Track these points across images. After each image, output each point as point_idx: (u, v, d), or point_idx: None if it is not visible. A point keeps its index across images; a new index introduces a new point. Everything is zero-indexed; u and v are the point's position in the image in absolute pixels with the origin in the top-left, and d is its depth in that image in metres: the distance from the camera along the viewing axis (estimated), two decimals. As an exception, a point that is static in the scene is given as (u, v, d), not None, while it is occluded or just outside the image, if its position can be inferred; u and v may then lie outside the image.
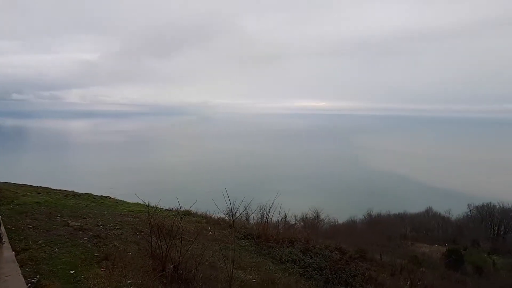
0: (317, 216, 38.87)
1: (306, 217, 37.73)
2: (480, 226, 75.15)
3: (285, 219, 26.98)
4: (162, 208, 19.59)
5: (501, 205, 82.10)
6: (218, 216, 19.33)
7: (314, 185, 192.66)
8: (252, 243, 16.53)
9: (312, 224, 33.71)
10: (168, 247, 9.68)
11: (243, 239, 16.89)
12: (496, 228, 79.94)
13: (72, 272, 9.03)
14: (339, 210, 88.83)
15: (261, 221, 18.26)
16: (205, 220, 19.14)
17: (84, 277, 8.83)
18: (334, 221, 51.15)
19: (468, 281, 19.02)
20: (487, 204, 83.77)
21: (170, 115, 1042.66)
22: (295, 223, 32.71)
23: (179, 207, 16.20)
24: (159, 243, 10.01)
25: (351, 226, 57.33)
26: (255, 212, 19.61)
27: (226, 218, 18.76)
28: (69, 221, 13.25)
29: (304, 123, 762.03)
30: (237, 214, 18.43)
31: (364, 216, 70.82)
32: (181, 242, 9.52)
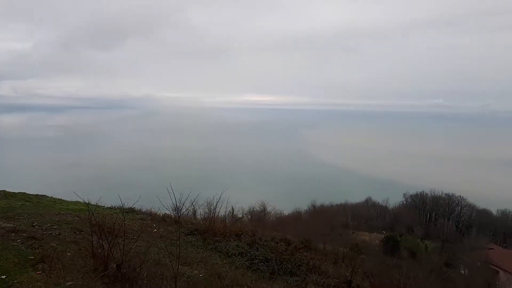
0: (264, 208, 39.51)
1: (253, 210, 38.20)
2: (414, 213, 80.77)
3: (233, 213, 27.12)
4: (104, 206, 18.83)
5: (433, 193, 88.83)
6: (164, 213, 18.95)
7: (262, 179, 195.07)
8: (198, 238, 16.43)
9: (259, 216, 34.22)
10: (110, 246, 9.35)
11: (189, 234, 16.73)
12: (428, 214, 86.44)
13: (3, 277, 8.44)
14: (285, 202, 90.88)
15: (208, 216, 18.19)
16: (150, 217, 18.69)
17: (18, 282, 8.29)
18: (280, 213, 52.23)
19: (403, 265, 20.40)
20: (420, 192, 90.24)
21: (112, 108, 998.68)
22: (243, 217, 32.99)
23: (121, 205, 15.66)
24: (100, 242, 9.63)
25: (296, 217, 58.85)
26: (202, 207, 19.50)
27: (172, 214, 18.46)
28: (0, 223, 12.32)
29: (252, 118, 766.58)
30: (183, 210, 18.21)
31: (308, 207, 73.03)
32: (124, 241, 9.24)
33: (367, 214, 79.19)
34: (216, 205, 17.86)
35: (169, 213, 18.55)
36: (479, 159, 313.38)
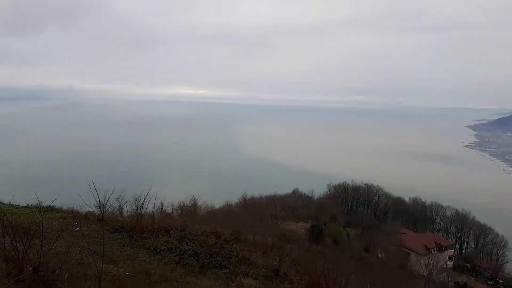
0: (195, 203, 39.12)
1: (183, 205, 37.65)
2: (337, 203, 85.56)
3: (162, 209, 26.51)
4: (18, 205, 17.33)
5: (354, 184, 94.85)
6: (87, 211, 17.95)
7: (192, 173, 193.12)
8: (125, 236, 15.89)
9: (189, 211, 33.79)
10: (26, 247, 8.67)
11: (115, 232, 16.10)
12: (350, 204, 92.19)
13: None
14: (216, 196, 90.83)
15: (135, 213, 17.61)
16: (72, 215, 17.60)
17: None
18: (211, 206, 52.17)
19: (327, 252, 21.58)
20: (343, 183, 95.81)
21: (29, 100, 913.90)
22: (172, 212, 32.38)
23: (38, 203, 14.60)
24: (14, 244, 8.88)
25: (227, 210, 59.19)
26: (129, 203, 18.82)
27: (96, 211, 17.55)
28: None
29: (183, 111, 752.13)
30: (108, 207, 17.42)
31: (239, 200, 73.79)
32: (42, 241, 8.62)
33: (294, 204, 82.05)
34: (144, 201, 17.36)
35: (93, 210, 17.64)
36: (393, 151, 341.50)
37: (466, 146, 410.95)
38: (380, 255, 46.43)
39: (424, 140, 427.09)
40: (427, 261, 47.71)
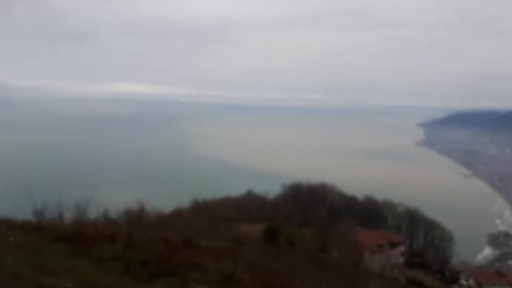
0: (142, 208, 37.42)
1: (130, 211, 35.94)
2: (292, 203, 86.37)
3: (106, 215, 25.13)
4: None
5: (308, 183, 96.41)
6: (23, 219, 16.59)
7: (139, 176, 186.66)
8: (66, 245, 14.78)
9: (136, 217, 32.28)
10: None
11: (55, 241, 14.92)
12: (304, 203, 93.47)
13: None
14: (166, 200, 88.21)
15: (77, 220, 16.44)
16: (5, 224, 16.17)
17: None
18: (161, 211, 50.54)
19: (281, 253, 21.45)
20: (297, 183, 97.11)
21: None
22: (118, 218, 30.87)
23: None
24: None
25: (177, 214, 57.44)
26: (70, 210, 17.57)
27: (33, 219, 16.24)
28: None
29: (127, 109, 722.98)
30: (47, 214, 16.21)
31: (190, 203, 72.02)
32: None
33: (249, 206, 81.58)
34: (87, 207, 16.26)
35: (29, 218, 16.33)
36: (346, 149, 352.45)
37: (416, 143, 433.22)
38: (335, 254, 47.25)
39: (375, 138, 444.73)
40: (380, 258, 49.36)
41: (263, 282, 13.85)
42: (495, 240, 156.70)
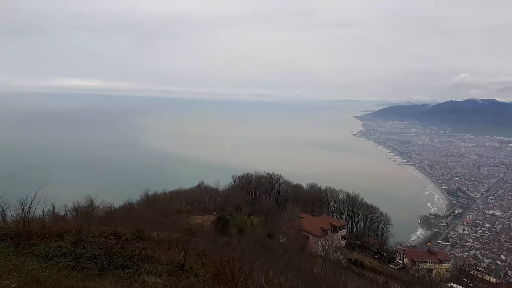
0: (91, 203, 36.53)
1: (79, 206, 34.94)
2: (241, 193, 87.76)
3: (53, 212, 24.25)
4: None
5: (257, 174, 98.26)
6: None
7: (88, 171, 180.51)
8: (9, 244, 14.22)
9: (85, 213, 31.50)
10: None
11: (-4, 241, 14.31)
12: (253, 193, 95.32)
13: None
14: (116, 194, 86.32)
15: (22, 218, 15.83)
16: None
17: None
18: (111, 206, 49.45)
19: (231, 241, 22.10)
20: (247, 173, 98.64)
21: None
22: (66, 214, 29.87)
23: None
24: None
25: (128, 209, 56.76)
26: (14, 207, 16.85)
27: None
28: None
29: (75, 105, 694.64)
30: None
31: (141, 197, 71.24)
32: None
33: (200, 198, 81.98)
34: (31, 204, 15.68)
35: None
36: (292, 141, 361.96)
37: (354, 134, 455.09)
38: (282, 240, 49.00)
39: (319, 130, 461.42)
40: (323, 242, 51.87)
41: (214, 270, 14.35)
42: (426, 221, 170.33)
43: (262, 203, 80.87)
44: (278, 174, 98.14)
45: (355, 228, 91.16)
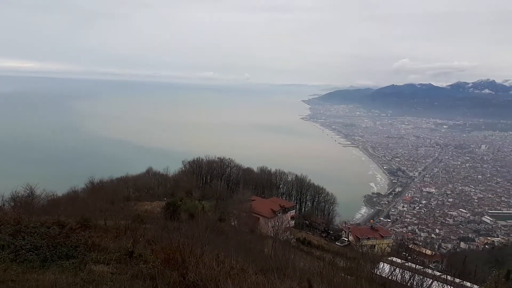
0: (32, 192, 34.51)
1: (17, 196, 32.84)
2: (192, 178, 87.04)
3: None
4: None
5: (208, 158, 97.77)
6: None
7: (27, 158, 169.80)
8: None
9: (25, 202, 29.73)
10: None
11: None
12: (204, 177, 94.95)
13: None
14: (59, 182, 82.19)
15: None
16: None
17: None
18: (53, 194, 47.11)
19: (182, 226, 22.05)
20: (197, 158, 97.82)
21: None
22: (3, 205, 28.08)
23: None
24: None
25: (73, 197, 54.44)
26: None
27: None
28: None
29: (10, 88, 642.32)
30: None
31: (86, 184, 68.39)
32: None
33: (148, 184, 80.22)
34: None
35: None
36: (241, 125, 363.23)
37: (302, 118, 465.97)
38: (233, 223, 49.57)
39: (268, 114, 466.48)
40: (273, 223, 53.23)
41: (164, 255, 14.30)
42: (369, 200, 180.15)
43: (213, 188, 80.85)
44: (229, 158, 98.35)
45: (303, 209, 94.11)
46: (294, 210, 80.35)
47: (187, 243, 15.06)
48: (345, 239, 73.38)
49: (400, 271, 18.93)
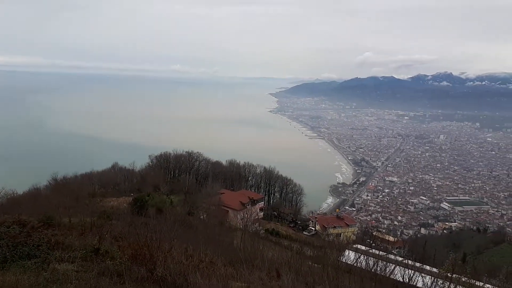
0: (-12, 191, 33.06)
1: (-28, 195, 31.37)
2: (159, 173, 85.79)
3: None
4: None
5: (175, 152, 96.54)
6: None
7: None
8: None
9: (-19, 202, 28.44)
10: None
11: None
12: (172, 172, 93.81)
13: None
14: (19, 180, 78.87)
15: None
16: None
17: None
18: (13, 193, 45.22)
19: (149, 222, 21.82)
20: (165, 153, 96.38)
21: None
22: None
23: None
24: None
25: (35, 194, 52.37)
26: None
27: None
28: None
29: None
30: None
31: (49, 181, 65.96)
32: None
33: (114, 180, 78.34)
34: None
35: None
36: (210, 118, 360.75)
37: (270, 111, 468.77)
38: (202, 216, 49.47)
39: (237, 107, 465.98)
40: (242, 215, 53.60)
41: (131, 251, 14.16)
42: (335, 190, 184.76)
43: (181, 182, 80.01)
44: (198, 152, 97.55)
45: (271, 200, 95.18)
46: (263, 202, 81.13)
47: (155, 238, 14.99)
48: (312, 228, 74.90)
49: (365, 258, 19.65)
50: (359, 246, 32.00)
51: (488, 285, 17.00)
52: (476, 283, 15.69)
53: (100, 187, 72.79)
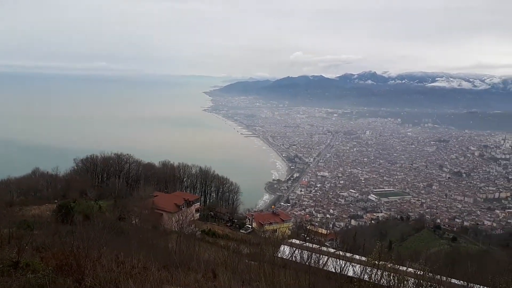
0: None
1: None
2: (86, 177, 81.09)
3: None
4: None
5: (103, 155, 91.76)
6: None
7: None
8: None
9: None
10: None
11: None
12: (100, 176, 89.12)
13: None
14: None
15: None
16: None
17: None
18: None
19: (76, 229, 20.62)
20: (91, 156, 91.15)
21: None
22: None
23: None
24: None
25: None
26: None
27: None
28: None
29: None
30: None
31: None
32: None
33: (35, 186, 72.61)
34: None
35: None
36: (140, 118, 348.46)
37: (205, 110, 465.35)
38: (134, 221, 47.66)
39: (168, 106, 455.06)
40: (177, 217, 52.51)
41: (56, 262, 13.29)
42: (271, 187, 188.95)
43: (110, 186, 76.31)
44: (128, 154, 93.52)
45: (208, 200, 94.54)
46: (199, 203, 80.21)
47: (82, 246, 14.26)
48: (249, 226, 75.64)
49: (299, 251, 20.32)
50: (294, 240, 32.96)
51: (410, 269, 18.47)
52: (400, 268, 16.93)
53: (20, 194, 67.03)
